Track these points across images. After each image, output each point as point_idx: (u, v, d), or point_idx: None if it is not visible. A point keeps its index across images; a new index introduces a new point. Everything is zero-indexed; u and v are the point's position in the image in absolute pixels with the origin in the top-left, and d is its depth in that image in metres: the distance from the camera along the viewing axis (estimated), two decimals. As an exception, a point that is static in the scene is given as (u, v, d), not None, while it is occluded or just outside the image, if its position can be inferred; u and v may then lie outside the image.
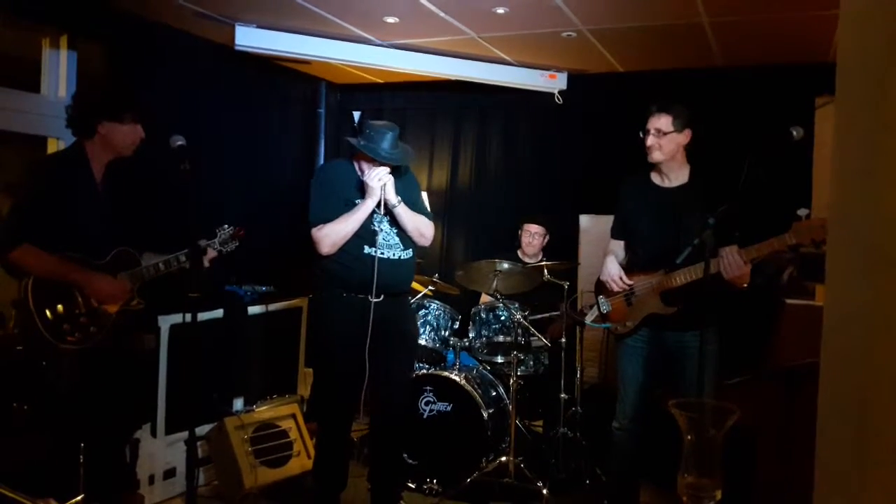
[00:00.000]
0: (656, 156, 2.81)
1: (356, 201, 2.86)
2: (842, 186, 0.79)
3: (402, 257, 2.95)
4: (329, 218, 2.84)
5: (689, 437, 1.13)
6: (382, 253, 2.88)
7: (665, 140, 2.79)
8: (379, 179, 2.80)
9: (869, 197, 0.74)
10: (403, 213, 2.90)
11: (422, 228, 2.98)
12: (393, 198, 2.85)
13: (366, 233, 2.86)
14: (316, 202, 2.89)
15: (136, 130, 2.72)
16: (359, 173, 2.90)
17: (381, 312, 2.85)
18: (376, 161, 2.81)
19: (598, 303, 3.03)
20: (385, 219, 2.91)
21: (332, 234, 2.83)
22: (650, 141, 2.80)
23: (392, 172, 2.86)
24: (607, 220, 3.16)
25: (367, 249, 2.86)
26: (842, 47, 0.83)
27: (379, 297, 2.85)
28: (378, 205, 2.85)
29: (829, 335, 0.82)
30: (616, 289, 2.91)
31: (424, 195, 5.03)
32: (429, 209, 3.16)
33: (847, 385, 0.77)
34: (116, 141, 2.70)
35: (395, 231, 2.93)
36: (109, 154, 2.72)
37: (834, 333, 0.81)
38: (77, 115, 2.69)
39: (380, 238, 2.88)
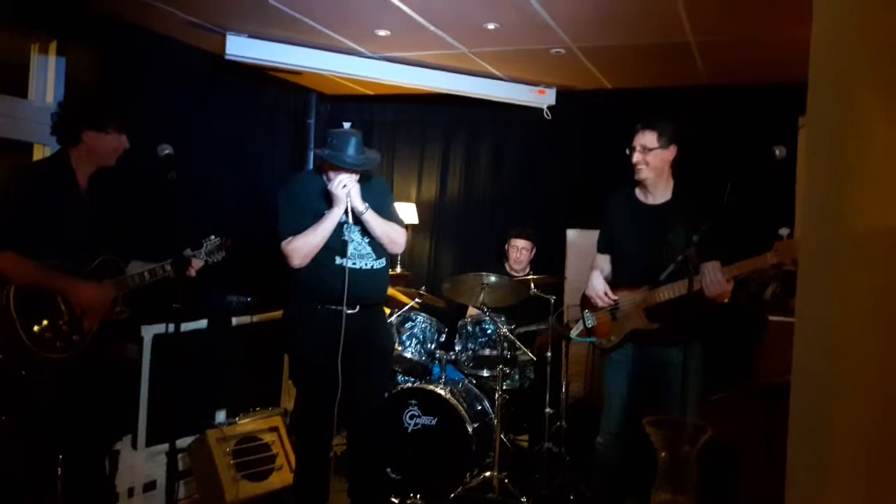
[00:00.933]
0: (643, 173, 2.83)
1: (325, 212, 2.83)
2: (811, 207, 0.81)
3: (374, 267, 2.93)
4: (298, 230, 2.81)
5: (663, 454, 1.13)
6: (354, 263, 2.84)
7: (651, 156, 2.81)
8: (343, 186, 2.77)
9: (836, 219, 0.76)
10: (372, 219, 2.86)
11: (392, 235, 2.93)
12: (360, 204, 2.82)
13: (336, 243, 2.83)
14: (284, 215, 2.86)
15: (119, 140, 2.71)
16: (326, 182, 2.86)
17: (355, 324, 2.83)
18: (342, 169, 2.80)
19: (583, 317, 3.04)
20: (356, 228, 2.87)
21: (302, 247, 2.80)
22: (636, 157, 2.82)
23: (360, 180, 2.84)
24: (594, 235, 3.17)
25: (338, 260, 2.83)
26: (812, 70, 0.85)
27: (354, 308, 2.83)
28: (346, 213, 2.81)
29: (799, 354, 0.83)
30: (600, 304, 2.93)
31: (411, 206, 5.08)
32: (400, 216, 3.12)
33: (813, 403, 0.78)
34: (100, 150, 2.69)
35: (366, 240, 2.90)
36: (94, 163, 2.71)
37: (803, 353, 0.82)
38: (62, 122, 2.68)
39: (351, 248, 2.84)
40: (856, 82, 0.76)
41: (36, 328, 2.51)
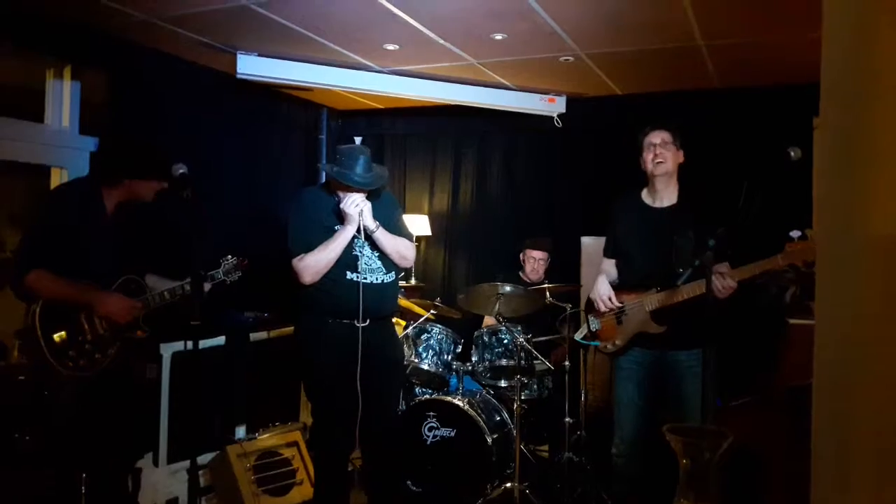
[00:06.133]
0: (662, 168, 2.84)
1: (335, 227, 2.85)
2: (824, 209, 0.80)
3: (385, 280, 2.94)
4: (309, 247, 2.82)
5: (684, 461, 1.12)
6: (366, 278, 2.86)
7: (670, 152, 2.83)
8: (356, 206, 2.79)
9: (850, 221, 0.75)
10: (382, 237, 2.87)
11: (402, 251, 2.95)
12: (371, 223, 2.84)
13: (347, 259, 2.84)
14: (294, 232, 2.87)
15: (160, 184, 2.78)
16: (336, 199, 2.88)
17: (367, 337, 2.84)
18: (351, 187, 2.81)
19: (587, 321, 3.04)
20: (366, 243, 2.89)
21: (314, 265, 2.81)
22: (658, 150, 2.83)
23: (368, 196, 2.86)
24: (608, 242, 3.17)
25: (349, 275, 2.84)
26: (823, 72, 0.84)
27: (365, 322, 2.84)
28: (357, 231, 2.84)
29: (820, 357, 0.82)
30: (604, 309, 2.93)
31: (424, 218, 5.09)
32: (409, 229, 3.13)
33: (835, 404, 0.77)
34: (139, 193, 2.77)
35: (376, 255, 2.91)
36: (127, 198, 2.77)
37: (824, 356, 0.81)
38: (103, 166, 2.74)
39: (361, 263, 2.86)
40: (867, 83, 0.75)
41: (60, 346, 2.55)
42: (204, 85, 4.09)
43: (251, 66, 3.85)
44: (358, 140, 5.11)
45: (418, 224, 4.95)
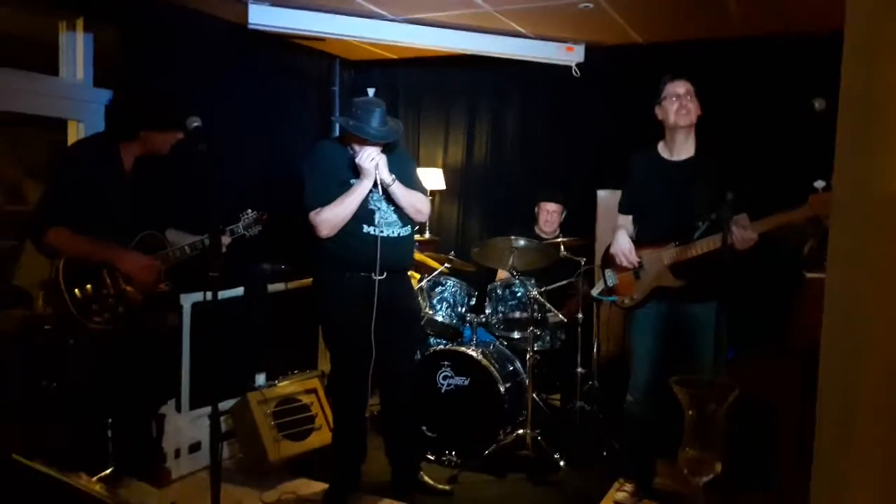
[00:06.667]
0: (687, 119, 2.80)
1: (351, 181, 2.85)
2: (841, 167, 0.79)
3: (401, 234, 2.96)
4: (326, 201, 2.84)
5: (690, 412, 1.14)
6: (382, 231, 2.88)
7: (693, 104, 2.79)
8: (372, 160, 2.79)
9: (867, 174, 0.74)
10: (398, 191, 2.88)
11: (417, 205, 2.97)
12: (387, 177, 2.84)
13: (364, 212, 2.86)
14: (311, 186, 2.88)
15: (176, 135, 2.76)
16: (351, 153, 2.88)
17: (383, 290, 2.87)
18: (366, 140, 2.80)
19: (604, 275, 3.04)
20: (382, 197, 2.90)
21: (331, 218, 2.83)
22: (685, 101, 2.77)
23: (383, 149, 2.85)
24: (625, 196, 3.15)
25: (366, 229, 2.87)
26: (848, 27, 0.82)
27: (382, 275, 2.87)
28: (373, 184, 2.84)
29: (829, 314, 0.82)
30: (625, 264, 2.92)
31: (438, 171, 5.07)
32: (423, 183, 3.14)
33: (840, 363, 0.78)
34: (155, 145, 2.76)
35: (391, 209, 2.93)
36: (145, 151, 2.77)
37: (833, 312, 0.81)
38: (119, 119, 2.73)
39: (378, 216, 2.88)
40: (889, 40, 0.73)
41: (83, 301, 2.61)
42: (216, 36, 4.04)
43: (263, 17, 3.80)
44: (371, 91, 5.05)
45: (432, 178, 4.93)
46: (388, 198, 2.91)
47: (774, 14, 3.73)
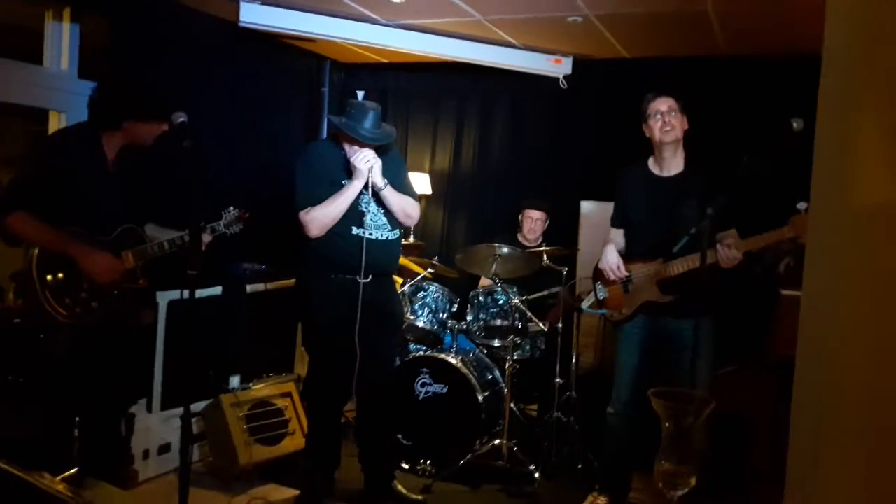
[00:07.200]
0: (671, 135, 2.80)
1: (342, 182, 2.84)
2: (819, 181, 0.79)
3: (389, 237, 2.95)
4: (316, 200, 2.82)
5: (667, 424, 1.14)
6: (371, 234, 2.88)
7: (677, 119, 2.80)
8: (366, 162, 2.78)
9: (843, 194, 0.74)
10: (390, 195, 2.88)
11: (407, 209, 2.96)
12: (380, 181, 2.83)
13: (353, 214, 2.85)
14: (301, 185, 2.86)
15: (160, 126, 2.72)
16: (343, 153, 2.87)
17: (367, 293, 2.86)
18: (358, 141, 2.79)
19: (594, 289, 3.04)
20: (372, 199, 2.89)
21: (321, 217, 2.81)
22: (668, 118, 2.78)
23: (377, 152, 2.84)
24: (608, 207, 3.16)
25: (355, 230, 2.85)
26: (826, 43, 0.82)
27: (367, 278, 2.86)
28: (365, 186, 2.83)
29: (805, 328, 0.82)
30: (613, 277, 2.93)
31: (424, 176, 5.06)
32: (414, 188, 3.13)
33: (815, 377, 0.78)
34: (139, 136, 2.71)
35: (381, 211, 2.92)
36: (128, 142, 2.73)
37: (809, 327, 0.81)
38: (102, 109, 2.68)
39: (367, 219, 2.87)
40: (867, 52, 0.74)
41: (56, 293, 2.55)
42: (206, 33, 4.02)
43: (254, 15, 3.78)
44: (360, 94, 5.04)
45: (419, 182, 4.92)
46: (379, 200, 2.90)
47: (757, 35, 3.79)
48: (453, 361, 3.58)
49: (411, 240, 4.96)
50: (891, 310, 0.65)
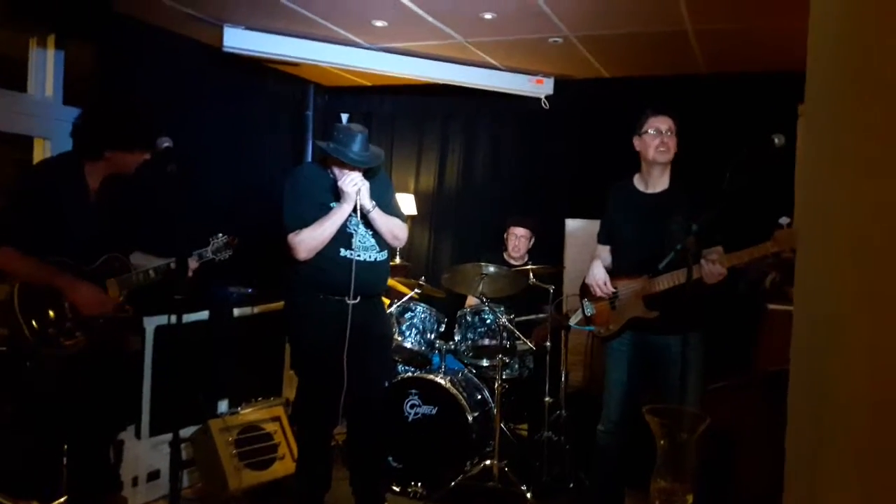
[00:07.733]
0: (666, 157, 2.82)
1: (331, 204, 2.86)
2: (806, 195, 0.82)
3: (377, 259, 2.97)
4: (305, 223, 2.84)
5: (661, 442, 1.15)
6: (359, 255, 2.89)
7: (673, 141, 2.82)
8: (354, 185, 2.81)
9: (831, 207, 0.76)
10: (378, 217, 2.91)
11: (395, 231, 2.99)
12: (368, 203, 2.86)
13: (342, 236, 2.86)
14: (290, 207, 2.88)
15: (143, 155, 2.71)
16: (331, 176, 2.89)
17: (357, 315, 2.86)
18: (348, 164, 2.81)
19: (582, 306, 3.06)
20: (360, 222, 2.91)
21: (309, 240, 2.83)
22: (666, 139, 2.80)
23: (365, 174, 2.87)
24: (593, 225, 3.19)
25: (343, 252, 2.86)
26: (810, 59, 0.85)
27: (356, 300, 2.86)
28: (353, 209, 2.85)
29: (797, 342, 0.84)
30: (599, 293, 2.95)
31: (409, 197, 5.08)
32: (402, 209, 3.16)
33: (809, 391, 0.79)
34: (121, 165, 2.69)
35: (370, 233, 2.94)
36: (110, 171, 2.71)
37: (801, 341, 0.83)
38: (85, 138, 2.66)
39: (356, 240, 2.89)
40: (851, 71, 0.76)
41: (39, 325, 2.51)
42: (190, 58, 4.03)
43: (238, 40, 3.80)
44: (345, 117, 5.07)
45: (404, 203, 4.94)
46: (367, 222, 2.92)
47: (735, 54, 3.87)
48: (442, 382, 3.57)
49: (397, 260, 4.96)
50: (887, 322, 0.67)
